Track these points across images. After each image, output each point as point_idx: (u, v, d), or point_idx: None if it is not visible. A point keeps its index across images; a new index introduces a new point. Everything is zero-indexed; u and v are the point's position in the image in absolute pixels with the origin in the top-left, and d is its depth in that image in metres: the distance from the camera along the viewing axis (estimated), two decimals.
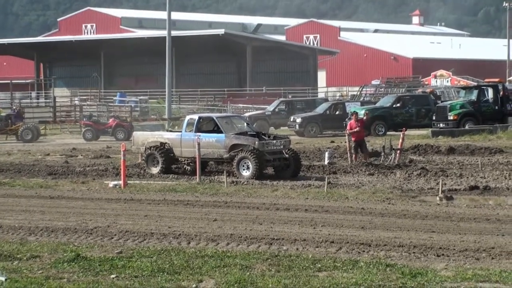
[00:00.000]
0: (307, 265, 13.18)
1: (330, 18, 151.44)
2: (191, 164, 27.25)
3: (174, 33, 59.84)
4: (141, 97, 69.93)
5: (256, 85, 75.93)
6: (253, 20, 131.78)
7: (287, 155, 26.21)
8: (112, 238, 15.93)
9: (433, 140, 38.33)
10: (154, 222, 17.67)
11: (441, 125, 42.60)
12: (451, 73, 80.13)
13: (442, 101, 48.35)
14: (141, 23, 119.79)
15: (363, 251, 14.33)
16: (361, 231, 16.13)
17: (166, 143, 27.44)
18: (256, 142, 25.71)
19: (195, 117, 27.89)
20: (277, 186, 23.67)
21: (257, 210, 19.21)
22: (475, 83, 58.98)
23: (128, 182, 24.47)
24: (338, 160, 30.10)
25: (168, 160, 27.22)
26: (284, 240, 15.30)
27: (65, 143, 44.75)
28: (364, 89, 70.47)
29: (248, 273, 12.69)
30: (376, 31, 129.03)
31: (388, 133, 43.31)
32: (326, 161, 29.04)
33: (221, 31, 77.99)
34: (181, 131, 27.86)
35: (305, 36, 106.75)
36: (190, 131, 27.04)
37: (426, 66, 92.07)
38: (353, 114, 30.89)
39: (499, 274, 12.38)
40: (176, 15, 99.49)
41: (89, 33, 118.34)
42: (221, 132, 26.43)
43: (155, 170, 27.16)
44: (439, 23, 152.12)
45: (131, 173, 26.97)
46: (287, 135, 31.90)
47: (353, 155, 29.19)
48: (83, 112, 56.36)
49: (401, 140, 29.83)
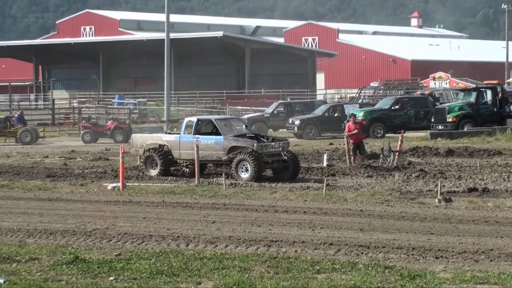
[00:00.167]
0: (305, 267, 13.18)
1: (329, 20, 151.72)
2: (189, 166, 27.21)
3: (173, 35, 59.79)
4: (140, 99, 69.97)
5: (254, 87, 75.88)
6: (252, 22, 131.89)
7: (285, 157, 26.22)
8: (111, 240, 15.93)
9: (431, 142, 38.34)
10: (153, 224, 17.67)
11: (440, 127, 42.64)
12: (449, 75, 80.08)
13: (440, 103, 48.32)
14: (139, 26, 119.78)
15: (362, 253, 14.33)
16: (359, 233, 16.13)
17: (164, 145, 27.43)
18: (255, 144, 25.71)
19: (194, 119, 27.90)
20: (276, 188, 23.67)
21: (256, 212, 19.21)
22: (474, 85, 58.90)
23: (127, 184, 24.47)
24: (337, 162, 30.10)
25: (167, 162, 27.23)
26: (283, 242, 15.30)
27: (64, 145, 44.75)
28: (363, 91, 70.46)
29: (246, 275, 12.69)
30: (375, 33, 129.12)
31: (387, 135, 43.24)
32: (325, 163, 29.05)
33: (219, 33, 78.01)
34: (179, 133, 27.86)
35: (303, 38, 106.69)
36: (189, 133, 27.04)
37: (424, 68, 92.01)
38: (351, 116, 30.87)
39: (498, 276, 12.37)
40: (175, 18, 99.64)
41: (87, 36, 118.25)
42: (219, 134, 26.43)
43: (153, 172, 27.17)
44: (437, 25, 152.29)
45: (130, 175, 26.97)
46: (285, 137, 31.91)
47: (351, 157, 29.20)
48: (81, 115, 56.26)
49: (399, 142, 29.86)
